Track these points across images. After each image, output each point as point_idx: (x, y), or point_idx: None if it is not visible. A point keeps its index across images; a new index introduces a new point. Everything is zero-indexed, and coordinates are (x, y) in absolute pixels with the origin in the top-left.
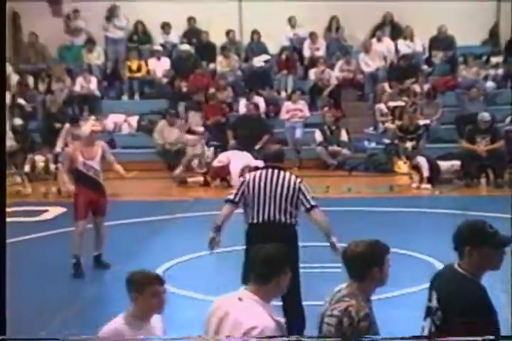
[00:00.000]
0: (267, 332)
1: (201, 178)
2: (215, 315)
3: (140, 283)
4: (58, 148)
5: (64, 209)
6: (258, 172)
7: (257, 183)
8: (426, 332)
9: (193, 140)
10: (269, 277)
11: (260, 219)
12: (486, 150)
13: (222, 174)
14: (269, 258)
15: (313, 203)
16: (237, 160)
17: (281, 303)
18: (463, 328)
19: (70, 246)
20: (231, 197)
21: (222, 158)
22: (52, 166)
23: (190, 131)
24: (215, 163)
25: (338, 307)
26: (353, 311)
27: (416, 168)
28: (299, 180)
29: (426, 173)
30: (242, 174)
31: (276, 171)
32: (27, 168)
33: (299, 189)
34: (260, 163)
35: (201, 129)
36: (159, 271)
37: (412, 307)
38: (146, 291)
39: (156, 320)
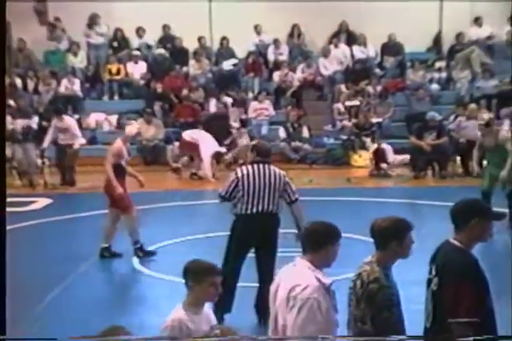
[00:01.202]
0: (309, 290)
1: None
2: (274, 283)
3: (198, 273)
4: (46, 144)
5: (50, 201)
6: (250, 168)
7: (251, 178)
8: (427, 301)
9: (242, 133)
10: (320, 246)
11: (254, 210)
12: (432, 145)
13: (191, 150)
14: (320, 231)
15: (296, 196)
16: (206, 143)
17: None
18: (456, 291)
19: (132, 233)
20: (222, 193)
21: (194, 136)
22: (39, 161)
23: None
24: (186, 137)
25: (357, 272)
26: (365, 275)
27: (381, 153)
28: (284, 173)
29: (391, 158)
30: (213, 158)
31: (265, 166)
32: (16, 163)
33: (286, 182)
34: (222, 149)
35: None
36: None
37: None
38: (204, 281)
39: (207, 305)
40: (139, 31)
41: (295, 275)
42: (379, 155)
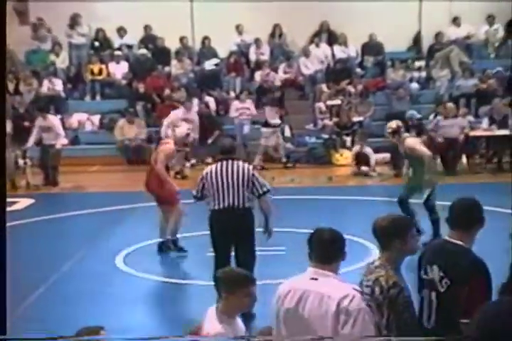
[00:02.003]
0: (357, 301)
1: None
2: (290, 296)
3: (233, 284)
4: (30, 144)
5: (32, 201)
6: (214, 165)
7: (214, 175)
8: (426, 302)
9: (266, 132)
10: (338, 256)
11: (221, 206)
12: None
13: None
14: (335, 240)
15: (264, 189)
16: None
17: None
18: (471, 291)
19: (173, 227)
20: (194, 193)
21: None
22: (20, 161)
23: (266, 124)
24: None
25: (371, 278)
26: (383, 281)
27: (362, 156)
28: (251, 167)
29: (373, 161)
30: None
31: (230, 161)
32: None
33: (253, 175)
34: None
35: (278, 122)
36: (121, 256)
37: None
38: (239, 292)
39: None
40: (121, 31)
41: (332, 287)
42: (360, 159)
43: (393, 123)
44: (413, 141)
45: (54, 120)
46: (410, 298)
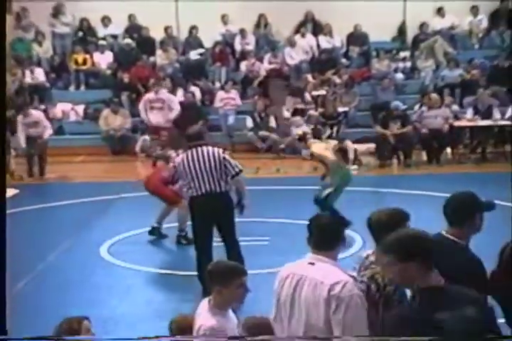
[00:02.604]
0: (349, 286)
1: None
2: (289, 281)
3: (224, 276)
4: (23, 144)
5: (17, 191)
6: (185, 154)
7: (187, 163)
8: None
9: (297, 121)
10: (336, 243)
11: (200, 192)
12: (396, 134)
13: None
14: (334, 226)
15: (236, 170)
16: None
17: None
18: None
19: (182, 222)
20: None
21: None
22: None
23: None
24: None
25: (366, 274)
26: (379, 278)
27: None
28: (221, 150)
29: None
30: None
31: (199, 148)
32: None
33: (224, 158)
34: None
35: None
36: (105, 246)
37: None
38: (232, 284)
39: None
40: (105, 20)
41: (326, 273)
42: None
43: (300, 131)
44: (318, 147)
45: (38, 114)
46: (405, 293)
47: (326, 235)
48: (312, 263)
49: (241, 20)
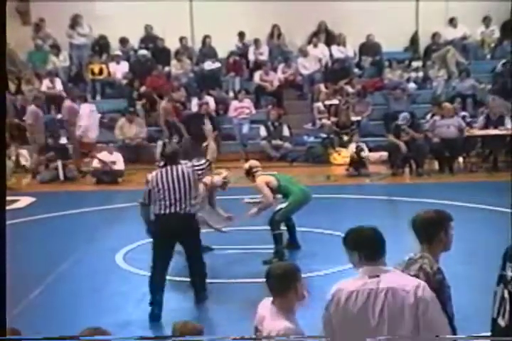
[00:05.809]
0: (427, 287)
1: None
2: (354, 298)
3: (290, 279)
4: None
5: (33, 199)
6: (158, 171)
7: (159, 180)
8: (498, 297)
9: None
10: (384, 250)
11: (167, 211)
12: (408, 142)
13: None
14: (379, 235)
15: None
16: None
17: None
18: None
19: None
20: (142, 200)
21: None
22: (21, 160)
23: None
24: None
25: (413, 268)
26: (428, 267)
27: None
28: (191, 170)
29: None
30: None
31: (174, 167)
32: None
33: (196, 179)
34: None
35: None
36: (121, 254)
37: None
38: (297, 285)
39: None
40: (123, 41)
41: (398, 280)
42: (355, 162)
43: (246, 164)
44: (260, 181)
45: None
46: (450, 289)
47: (377, 246)
48: (376, 276)
49: (255, 30)
